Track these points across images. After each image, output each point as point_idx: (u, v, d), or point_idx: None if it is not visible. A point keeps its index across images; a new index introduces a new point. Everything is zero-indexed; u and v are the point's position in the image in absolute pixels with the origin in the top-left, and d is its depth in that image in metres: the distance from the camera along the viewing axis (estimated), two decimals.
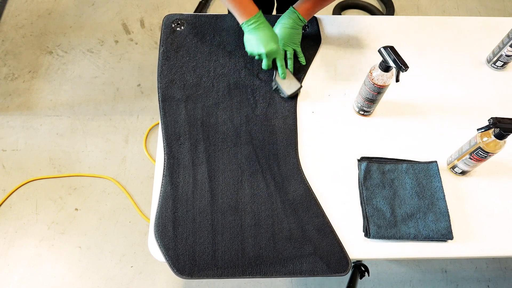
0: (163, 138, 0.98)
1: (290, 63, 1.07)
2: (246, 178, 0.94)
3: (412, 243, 0.88)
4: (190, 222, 0.88)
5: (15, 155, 1.70)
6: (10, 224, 1.57)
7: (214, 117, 1.01)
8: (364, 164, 0.95)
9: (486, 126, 0.82)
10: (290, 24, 1.04)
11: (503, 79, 1.12)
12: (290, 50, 1.07)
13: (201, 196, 0.91)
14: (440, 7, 2.29)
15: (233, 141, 0.98)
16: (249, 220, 0.89)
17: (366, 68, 1.09)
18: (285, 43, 1.06)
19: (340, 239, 0.87)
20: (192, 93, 1.04)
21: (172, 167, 0.94)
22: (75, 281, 1.48)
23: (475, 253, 0.87)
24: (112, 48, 2.01)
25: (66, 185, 1.65)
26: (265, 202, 0.91)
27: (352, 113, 1.04)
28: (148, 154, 1.72)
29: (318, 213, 0.90)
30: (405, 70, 0.83)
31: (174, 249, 0.86)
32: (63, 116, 1.80)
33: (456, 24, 1.22)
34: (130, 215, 1.60)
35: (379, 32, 1.18)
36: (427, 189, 0.92)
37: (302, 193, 0.92)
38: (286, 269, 0.85)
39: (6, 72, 1.90)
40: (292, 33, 1.05)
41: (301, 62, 1.10)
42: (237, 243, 0.87)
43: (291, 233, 0.88)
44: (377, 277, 1.53)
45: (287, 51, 1.07)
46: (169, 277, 1.50)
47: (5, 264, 1.49)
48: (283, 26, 1.05)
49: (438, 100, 1.07)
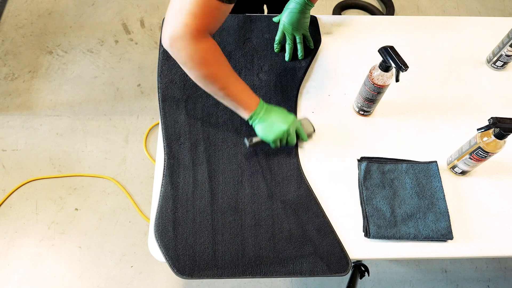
0: (163, 138, 0.98)
1: (300, 47, 1.09)
2: (246, 178, 0.94)
3: (412, 243, 0.88)
4: (190, 222, 0.88)
5: (15, 155, 1.70)
6: (10, 224, 1.56)
7: (214, 117, 1.01)
8: (364, 164, 0.95)
9: (486, 126, 0.82)
10: (298, 9, 1.05)
11: (503, 79, 1.12)
12: (299, 35, 1.09)
13: (201, 196, 0.91)
14: (440, 7, 2.29)
15: (233, 141, 0.98)
16: (249, 220, 0.89)
17: (366, 68, 1.09)
18: (294, 27, 1.07)
19: (340, 239, 0.87)
20: (192, 93, 1.04)
21: (172, 167, 0.94)
22: (75, 281, 1.48)
23: (475, 253, 0.87)
24: (112, 48, 2.01)
25: (66, 185, 1.65)
26: (265, 202, 0.91)
27: (352, 113, 1.04)
28: (148, 154, 1.72)
29: (318, 213, 0.90)
30: (405, 70, 0.83)
31: (174, 249, 0.86)
32: (63, 116, 1.80)
33: (456, 24, 1.22)
34: (130, 215, 1.60)
35: (379, 32, 1.18)
36: (427, 189, 0.92)
37: (302, 193, 0.92)
38: (286, 269, 0.85)
39: (6, 72, 1.90)
40: (301, 18, 1.06)
41: (310, 46, 1.12)
42: (237, 243, 0.87)
43: (291, 233, 0.88)
44: (377, 277, 1.53)
45: (296, 36, 1.09)
46: (169, 277, 1.50)
47: (5, 264, 1.49)
48: (292, 11, 1.06)
49: (438, 100, 1.07)
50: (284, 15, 1.07)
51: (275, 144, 0.92)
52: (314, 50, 1.13)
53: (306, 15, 1.07)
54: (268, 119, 0.90)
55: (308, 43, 1.12)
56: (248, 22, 1.16)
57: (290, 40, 1.08)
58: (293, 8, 1.05)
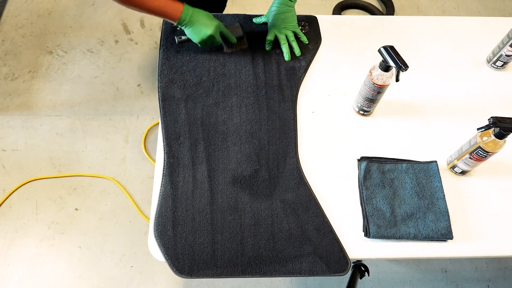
0: (163, 138, 0.98)
1: (295, 45, 1.10)
2: (246, 178, 0.94)
3: (412, 243, 0.88)
4: (190, 221, 0.88)
5: (15, 155, 1.70)
6: (10, 224, 1.56)
7: (214, 117, 1.01)
8: (364, 164, 0.95)
9: (486, 126, 0.82)
10: (281, 9, 1.06)
11: (503, 79, 1.12)
12: (290, 33, 1.10)
13: (200, 196, 0.91)
14: (440, 7, 2.30)
15: (233, 140, 0.98)
16: (248, 220, 0.89)
17: (366, 68, 1.09)
18: (284, 27, 1.08)
19: (340, 239, 0.87)
20: (192, 92, 1.04)
21: (172, 166, 0.94)
22: (75, 281, 1.48)
23: (475, 253, 0.87)
24: (112, 48, 2.01)
25: (66, 185, 1.65)
26: (264, 201, 0.91)
27: (352, 113, 1.04)
28: (147, 154, 1.72)
29: (318, 212, 0.90)
30: (405, 69, 0.83)
31: (174, 248, 0.86)
32: (63, 116, 1.80)
33: (456, 24, 1.22)
34: (130, 215, 1.60)
35: (379, 32, 1.18)
36: (427, 188, 0.92)
37: (302, 192, 0.92)
38: (286, 269, 0.85)
39: (6, 72, 1.90)
40: (286, 17, 1.07)
41: (304, 42, 1.13)
42: (237, 242, 0.87)
43: (290, 233, 0.88)
44: (377, 277, 1.53)
45: (287, 35, 1.09)
46: (169, 277, 1.50)
47: (5, 264, 1.49)
48: (275, 13, 1.07)
49: (438, 100, 1.07)
50: (271, 19, 1.09)
51: (201, 45, 1.05)
52: (314, 50, 1.13)
53: (292, 13, 1.08)
54: (194, 24, 1.00)
55: (301, 38, 1.12)
56: (248, 22, 1.16)
57: (283, 40, 1.09)
58: (276, 10, 1.07)
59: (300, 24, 1.16)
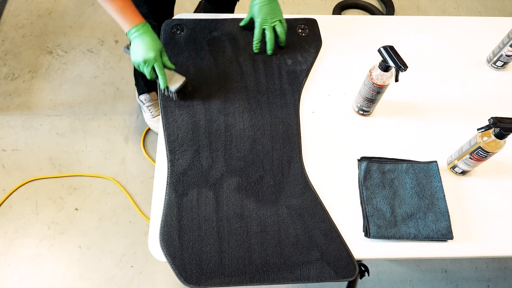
0: (165, 145, 0.97)
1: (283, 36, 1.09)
2: (251, 184, 0.93)
3: (412, 243, 0.88)
4: (196, 230, 0.87)
5: (15, 155, 1.70)
6: (10, 224, 1.56)
7: (217, 124, 1.00)
8: (364, 164, 0.95)
9: (486, 126, 0.83)
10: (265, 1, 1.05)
11: (503, 79, 1.12)
12: (278, 23, 1.08)
13: (206, 204, 0.90)
14: (440, 7, 2.30)
15: (236, 147, 0.97)
16: (255, 227, 0.88)
17: (366, 68, 1.09)
18: (270, 18, 1.06)
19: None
20: (194, 100, 1.03)
21: (176, 174, 0.93)
22: (75, 281, 1.48)
23: (475, 253, 0.87)
24: (112, 48, 2.01)
25: (66, 185, 1.65)
26: (270, 208, 0.90)
27: (352, 113, 1.04)
28: (146, 154, 1.72)
29: (324, 217, 0.89)
30: (404, 70, 0.84)
31: (181, 257, 0.85)
32: (63, 116, 1.80)
33: (456, 24, 1.22)
34: (130, 215, 1.60)
35: (379, 32, 1.18)
36: (427, 189, 0.92)
37: (308, 197, 0.91)
38: (294, 276, 0.84)
39: (6, 72, 1.90)
40: (272, 7, 1.06)
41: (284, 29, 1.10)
42: (244, 250, 0.86)
43: (297, 239, 0.87)
44: (377, 277, 1.53)
45: (276, 26, 1.08)
46: (169, 277, 1.50)
47: (5, 264, 1.49)
48: (260, 5, 1.05)
49: (438, 100, 1.07)
50: (256, 12, 1.06)
51: (135, 65, 0.98)
52: (315, 53, 1.13)
53: (275, 3, 1.06)
54: (139, 43, 0.95)
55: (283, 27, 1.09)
56: (248, 26, 1.16)
57: (270, 33, 1.07)
58: (259, 2, 1.05)
59: (300, 27, 1.16)
